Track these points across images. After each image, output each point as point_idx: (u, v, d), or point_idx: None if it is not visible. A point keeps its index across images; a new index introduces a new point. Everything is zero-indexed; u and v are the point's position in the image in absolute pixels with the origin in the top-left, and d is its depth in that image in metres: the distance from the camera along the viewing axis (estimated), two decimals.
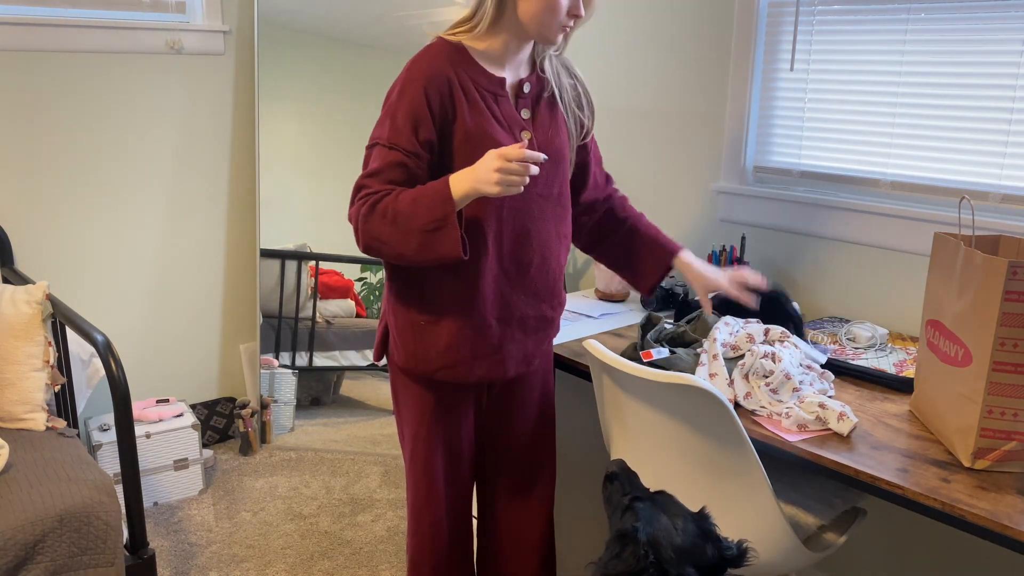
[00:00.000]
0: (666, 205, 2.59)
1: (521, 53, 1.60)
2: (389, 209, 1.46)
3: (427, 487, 1.72)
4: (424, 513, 1.74)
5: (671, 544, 1.17)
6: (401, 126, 1.49)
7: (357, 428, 3.15)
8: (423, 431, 1.69)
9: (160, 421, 2.76)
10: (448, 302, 1.58)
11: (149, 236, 2.88)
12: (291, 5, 2.91)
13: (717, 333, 1.70)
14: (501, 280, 1.60)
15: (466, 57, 1.55)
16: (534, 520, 1.84)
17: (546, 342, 1.75)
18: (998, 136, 1.90)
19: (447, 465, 1.73)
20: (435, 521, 1.75)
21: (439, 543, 1.76)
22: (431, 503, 1.73)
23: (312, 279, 3.07)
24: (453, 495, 1.76)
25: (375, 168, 1.51)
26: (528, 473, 1.83)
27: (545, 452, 1.85)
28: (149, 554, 2.03)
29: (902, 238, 2.04)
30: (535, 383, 1.79)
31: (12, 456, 1.95)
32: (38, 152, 2.62)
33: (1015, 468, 1.38)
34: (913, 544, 2.05)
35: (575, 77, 1.72)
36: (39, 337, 2.15)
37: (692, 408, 1.46)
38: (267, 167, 2.97)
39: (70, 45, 2.60)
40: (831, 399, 1.60)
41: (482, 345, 1.62)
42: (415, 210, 1.45)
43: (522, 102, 1.61)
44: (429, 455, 1.70)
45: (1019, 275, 1.29)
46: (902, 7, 2.02)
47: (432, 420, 1.69)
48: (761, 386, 1.61)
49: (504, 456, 1.81)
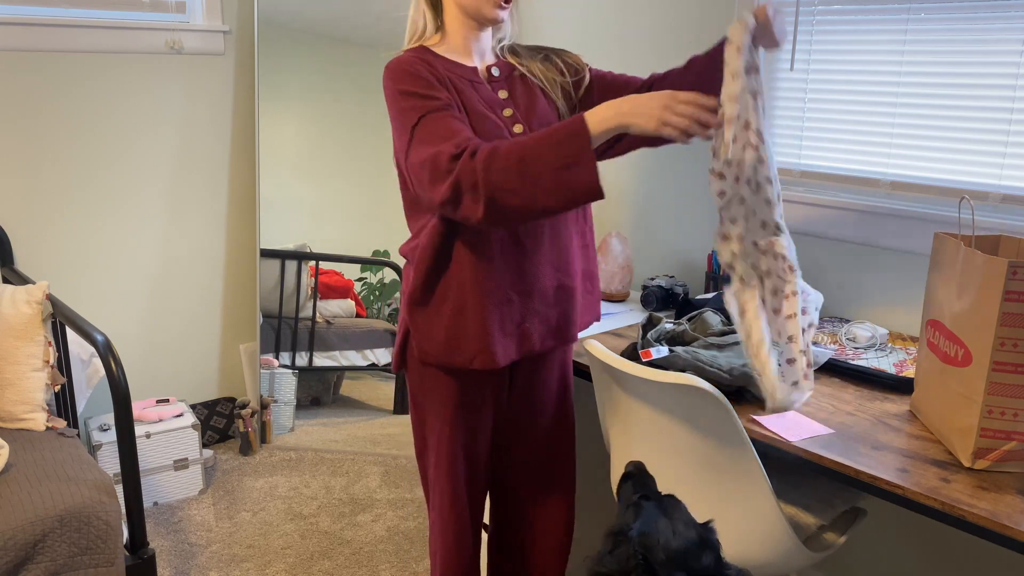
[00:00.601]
0: (666, 205, 2.59)
1: (481, 41, 1.63)
2: (512, 154, 1.37)
3: (452, 490, 1.71)
4: (450, 518, 1.72)
5: (665, 546, 1.15)
6: (423, 93, 1.49)
7: (357, 428, 3.15)
8: (447, 430, 1.68)
9: (160, 421, 2.76)
10: (469, 286, 1.56)
11: (149, 236, 2.88)
12: (291, 5, 2.91)
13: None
14: (516, 254, 1.60)
15: (434, 56, 1.59)
16: (558, 519, 1.85)
17: (570, 316, 1.70)
18: (998, 136, 1.90)
19: (468, 467, 1.73)
20: (462, 528, 1.73)
21: (465, 550, 1.75)
22: (457, 506, 1.71)
23: (312, 279, 3.07)
24: (472, 500, 1.76)
25: (441, 134, 1.43)
26: (549, 470, 1.83)
27: (565, 446, 1.84)
28: (149, 554, 2.03)
29: (902, 238, 2.04)
30: (553, 375, 1.79)
31: (12, 456, 1.95)
32: (38, 152, 2.62)
33: (1015, 468, 1.38)
34: (913, 544, 2.05)
35: (542, 50, 1.72)
36: (39, 337, 2.15)
37: (692, 408, 1.47)
38: (267, 167, 2.97)
39: (70, 45, 2.60)
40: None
41: (508, 323, 1.60)
42: (542, 150, 1.36)
43: (496, 85, 1.64)
44: (454, 458, 1.69)
45: (1019, 275, 1.29)
46: (902, 7, 2.02)
47: (457, 419, 1.67)
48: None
49: (526, 452, 1.80)
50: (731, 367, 1.67)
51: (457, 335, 1.59)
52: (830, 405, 1.65)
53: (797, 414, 1.60)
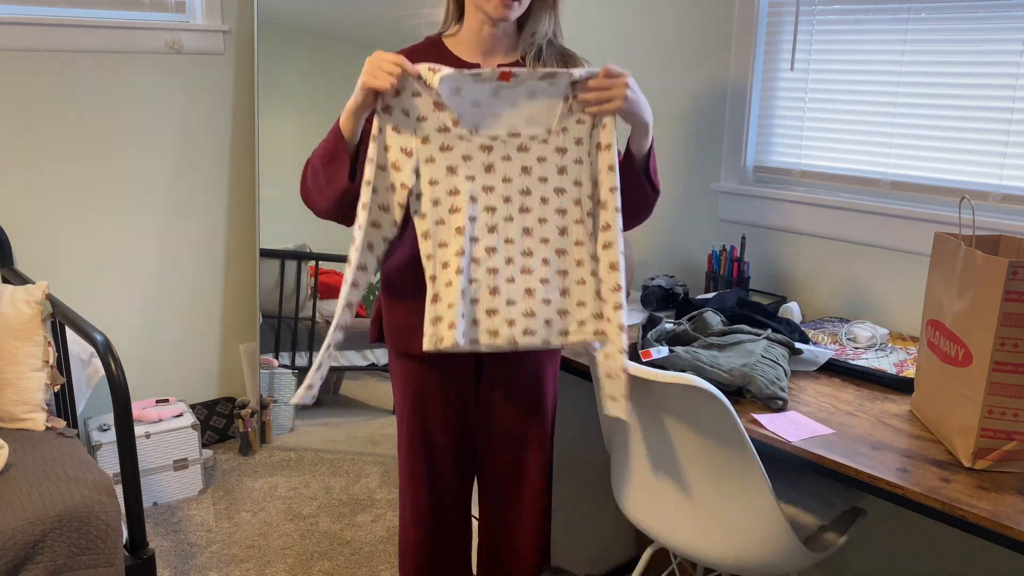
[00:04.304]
0: (666, 205, 2.59)
1: (493, 38, 1.62)
2: (308, 164, 1.57)
3: (408, 473, 1.77)
4: (406, 499, 1.80)
5: None
6: None
7: (357, 428, 3.15)
8: (407, 410, 1.74)
9: (160, 421, 2.76)
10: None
11: (149, 236, 2.88)
12: (291, 5, 2.91)
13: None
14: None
15: (442, 50, 1.65)
16: (526, 517, 1.84)
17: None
18: (998, 136, 1.90)
19: (427, 452, 1.75)
20: (416, 507, 1.78)
21: (421, 533, 1.79)
22: (412, 489, 1.78)
23: (312, 279, 3.07)
24: (434, 485, 1.78)
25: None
26: (517, 467, 1.82)
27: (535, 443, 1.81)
28: (149, 554, 2.03)
29: (902, 238, 2.04)
30: (526, 371, 1.76)
31: (12, 456, 1.95)
32: (38, 152, 2.62)
33: (1015, 468, 1.38)
34: (913, 544, 2.05)
35: (564, 57, 1.68)
36: (39, 337, 2.15)
37: (692, 408, 1.46)
38: (267, 167, 2.96)
39: (70, 45, 2.60)
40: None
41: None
42: (317, 152, 1.54)
43: None
44: (411, 438, 1.74)
45: (1019, 275, 1.29)
46: (902, 7, 2.02)
47: (414, 400, 1.73)
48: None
49: (493, 446, 1.80)
50: (731, 367, 1.67)
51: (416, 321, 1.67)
52: (830, 405, 1.65)
53: (797, 414, 1.60)
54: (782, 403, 1.63)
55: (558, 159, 1.50)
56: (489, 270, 1.48)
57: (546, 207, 1.50)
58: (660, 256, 2.65)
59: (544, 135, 1.49)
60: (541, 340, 1.50)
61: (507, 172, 1.49)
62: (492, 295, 1.48)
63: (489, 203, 1.48)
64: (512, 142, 1.49)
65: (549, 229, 1.50)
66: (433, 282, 1.47)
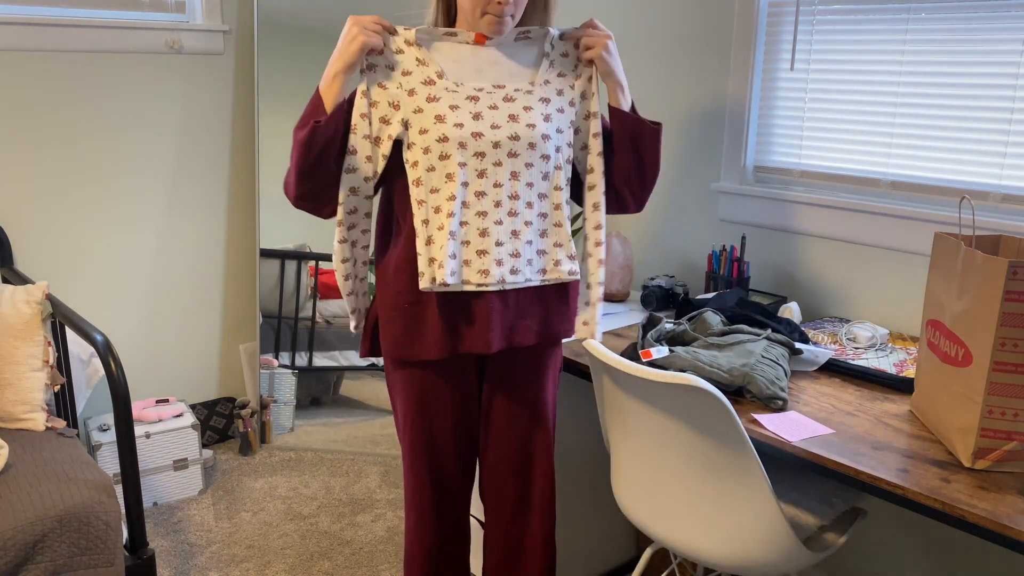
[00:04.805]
0: (666, 205, 2.59)
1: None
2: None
3: (413, 480, 1.75)
4: (411, 508, 1.78)
5: None
6: None
7: (357, 428, 3.15)
8: (409, 419, 1.72)
9: (160, 421, 2.76)
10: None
11: (149, 236, 2.88)
12: (291, 5, 2.91)
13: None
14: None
15: None
16: (536, 525, 1.83)
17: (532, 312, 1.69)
18: (998, 136, 1.90)
19: (431, 460, 1.73)
20: (421, 516, 1.77)
21: (427, 544, 1.78)
22: (418, 497, 1.76)
23: (312, 279, 3.07)
24: (439, 491, 1.76)
25: None
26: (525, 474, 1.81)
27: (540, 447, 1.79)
28: (149, 554, 2.03)
29: (902, 238, 2.04)
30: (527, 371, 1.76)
31: (12, 456, 1.95)
32: (38, 152, 2.62)
33: (1015, 468, 1.38)
34: (913, 544, 2.05)
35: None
36: (39, 337, 2.15)
37: (692, 408, 1.47)
38: (267, 167, 2.96)
39: (70, 45, 2.60)
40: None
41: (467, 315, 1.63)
42: (298, 125, 1.57)
43: None
44: (414, 447, 1.72)
45: (1019, 275, 1.29)
46: (902, 7, 2.02)
47: (417, 407, 1.70)
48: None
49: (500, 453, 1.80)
50: (731, 367, 1.67)
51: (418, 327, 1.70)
52: (830, 405, 1.65)
53: (797, 414, 1.60)
54: (782, 403, 1.63)
55: (543, 108, 1.59)
56: (479, 213, 1.55)
57: (532, 152, 1.57)
58: (660, 256, 2.65)
59: (528, 87, 1.59)
60: (524, 279, 1.60)
61: (495, 119, 1.55)
62: (482, 236, 1.55)
63: (479, 149, 1.54)
64: (498, 92, 1.57)
65: (534, 174, 1.58)
66: (426, 226, 1.54)
